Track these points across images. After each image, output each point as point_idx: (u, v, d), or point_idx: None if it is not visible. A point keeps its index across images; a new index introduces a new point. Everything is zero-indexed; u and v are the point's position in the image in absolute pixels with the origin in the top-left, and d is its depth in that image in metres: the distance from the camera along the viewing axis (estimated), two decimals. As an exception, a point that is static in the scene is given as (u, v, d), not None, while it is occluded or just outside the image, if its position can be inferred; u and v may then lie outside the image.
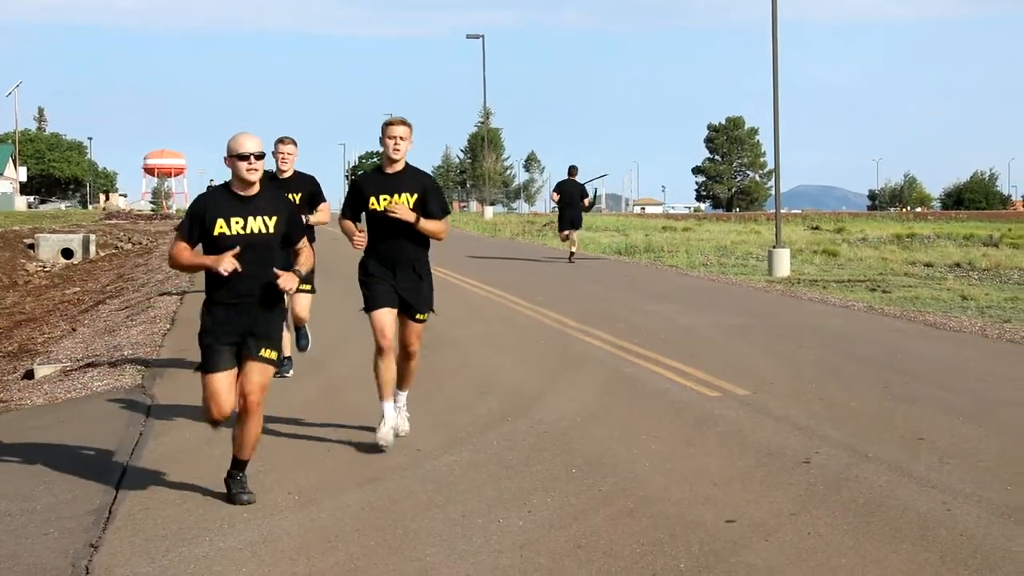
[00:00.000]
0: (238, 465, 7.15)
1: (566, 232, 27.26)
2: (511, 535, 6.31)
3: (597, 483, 7.30)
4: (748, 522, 6.43)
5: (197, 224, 7.00)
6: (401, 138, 8.23)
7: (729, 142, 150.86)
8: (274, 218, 7.04)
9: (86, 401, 10.80)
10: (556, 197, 27.25)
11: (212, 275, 6.97)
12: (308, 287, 11.14)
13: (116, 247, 38.50)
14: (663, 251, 31.99)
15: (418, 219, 8.23)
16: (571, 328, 14.67)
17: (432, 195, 8.35)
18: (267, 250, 7.01)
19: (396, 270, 8.36)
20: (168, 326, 15.56)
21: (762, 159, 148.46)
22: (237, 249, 6.88)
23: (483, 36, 66.86)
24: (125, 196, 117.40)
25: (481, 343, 13.53)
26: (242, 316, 7.00)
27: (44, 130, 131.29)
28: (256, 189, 7.04)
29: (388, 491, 7.26)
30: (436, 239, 8.42)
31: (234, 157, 6.93)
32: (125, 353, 13.44)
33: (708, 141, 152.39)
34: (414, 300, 8.39)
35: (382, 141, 8.30)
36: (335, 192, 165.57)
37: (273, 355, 7.07)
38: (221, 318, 7.02)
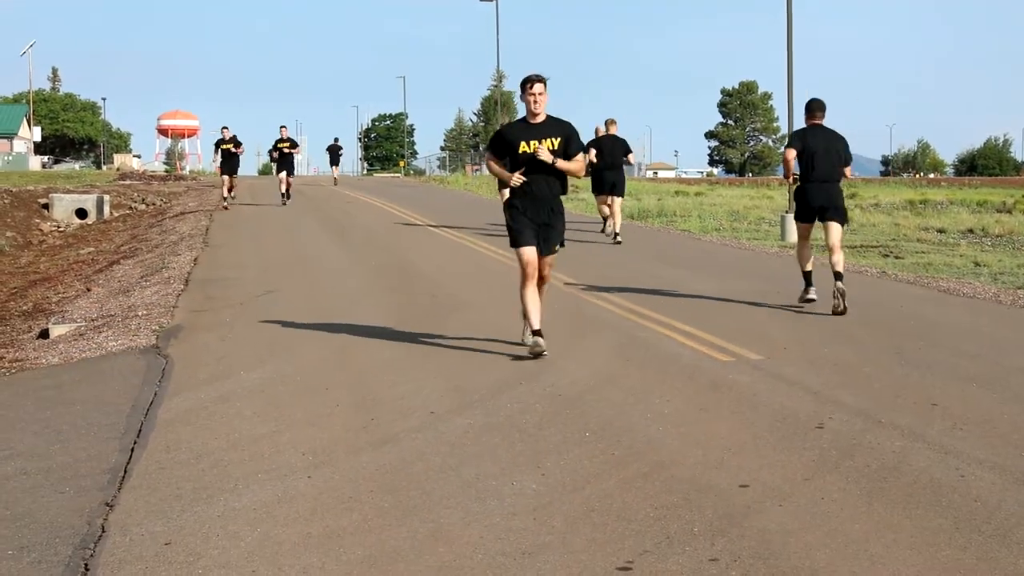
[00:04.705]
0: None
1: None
2: (525, 498, 6.33)
3: (610, 447, 7.31)
4: (762, 487, 6.44)
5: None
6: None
7: (742, 107, 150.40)
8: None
9: (101, 361, 10.84)
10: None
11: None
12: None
13: (130, 207, 38.52)
14: (676, 216, 31.91)
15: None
16: (583, 292, 14.68)
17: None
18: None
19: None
20: (182, 287, 15.59)
21: (775, 124, 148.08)
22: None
23: (497, -2, 66.47)
24: (139, 157, 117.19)
25: (497, 307, 13.54)
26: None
27: (58, 90, 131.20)
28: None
29: (402, 453, 7.28)
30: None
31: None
32: (139, 313, 13.48)
33: (721, 106, 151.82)
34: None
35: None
36: (350, 151, 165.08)
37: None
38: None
